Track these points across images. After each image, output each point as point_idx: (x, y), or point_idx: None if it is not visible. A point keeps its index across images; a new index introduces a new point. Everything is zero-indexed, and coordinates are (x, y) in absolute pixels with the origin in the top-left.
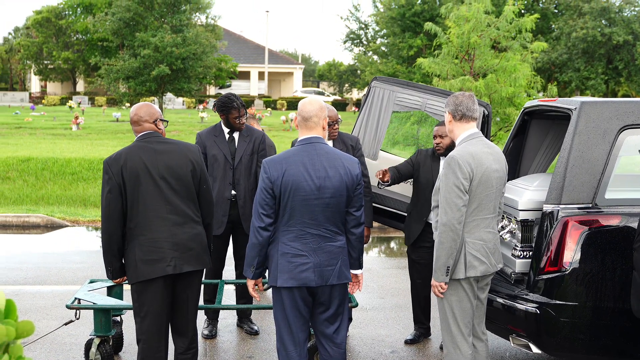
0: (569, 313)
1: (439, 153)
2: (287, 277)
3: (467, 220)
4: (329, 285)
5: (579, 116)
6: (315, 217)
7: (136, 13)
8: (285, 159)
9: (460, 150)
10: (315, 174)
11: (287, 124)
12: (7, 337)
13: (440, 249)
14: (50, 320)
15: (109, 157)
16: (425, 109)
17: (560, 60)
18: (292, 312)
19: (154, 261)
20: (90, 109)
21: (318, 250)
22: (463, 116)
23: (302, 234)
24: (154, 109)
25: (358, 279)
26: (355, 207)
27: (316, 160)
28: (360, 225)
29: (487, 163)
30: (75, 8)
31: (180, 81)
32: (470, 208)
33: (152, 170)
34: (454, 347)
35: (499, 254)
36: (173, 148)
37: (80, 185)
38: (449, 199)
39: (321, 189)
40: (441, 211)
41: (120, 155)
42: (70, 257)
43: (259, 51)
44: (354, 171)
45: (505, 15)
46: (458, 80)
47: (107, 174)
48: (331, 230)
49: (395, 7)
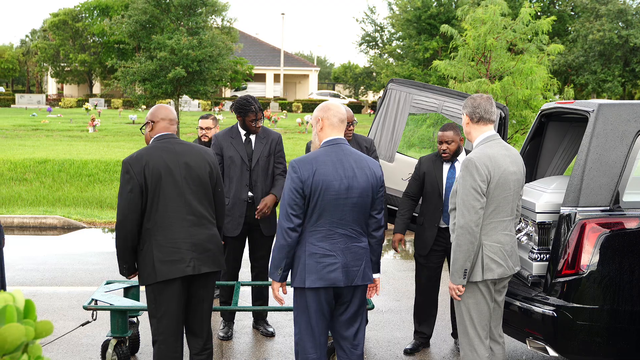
0: (586, 316)
1: (445, 158)
2: (316, 277)
3: (485, 222)
4: (353, 286)
5: (597, 118)
6: (343, 216)
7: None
8: (314, 159)
9: (477, 152)
10: (345, 174)
11: (302, 126)
12: (26, 337)
13: (458, 251)
14: (67, 321)
15: (129, 157)
16: (441, 111)
17: (577, 62)
18: (316, 314)
19: (174, 262)
20: (107, 111)
21: (345, 250)
22: (481, 118)
23: (331, 233)
24: (171, 111)
25: (375, 283)
26: (377, 210)
27: (344, 160)
28: (381, 229)
29: (505, 165)
30: (92, 11)
31: (196, 83)
32: (488, 210)
33: (174, 171)
34: (471, 350)
35: (517, 257)
36: (191, 149)
37: (96, 187)
38: (467, 202)
39: (350, 189)
40: (458, 214)
41: (142, 156)
42: (87, 258)
43: (275, 53)
44: (377, 173)
45: (521, 17)
46: (474, 82)
47: (128, 173)
48: (357, 231)
49: (411, 9)
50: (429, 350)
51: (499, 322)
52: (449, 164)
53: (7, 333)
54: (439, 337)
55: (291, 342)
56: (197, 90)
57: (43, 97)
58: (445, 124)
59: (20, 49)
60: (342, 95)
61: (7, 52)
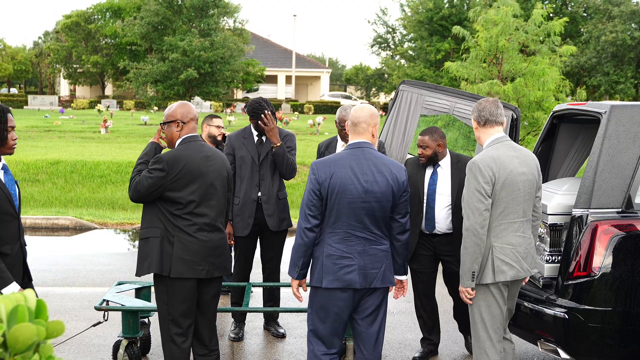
0: (597, 318)
1: (421, 162)
2: (332, 278)
3: (494, 224)
4: (372, 288)
5: (609, 120)
6: (361, 220)
7: (165, 17)
8: (333, 162)
9: (482, 155)
10: (363, 178)
11: (314, 127)
12: (38, 337)
13: (465, 254)
14: (79, 322)
15: (166, 155)
16: (453, 112)
17: (589, 64)
18: (332, 314)
19: (192, 262)
20: (119, 113)
21: (363, 253)
22: (487, 121)
23: (348, 236)
24: (196, 111)
25: (403, 285)
26: (400, 214)
27: (364, 164)
28: (406, 232)
29: (512, 166)
30: (104, 12)
31: (208, 85)
32: (496, 212)
33: (206, 177)
34: (482, 353)
35: (532, 259)
36: (217, 156)
37: (108, 188)
38: (471, 204)
39: (368, 193)
40: (464, 216)
41: (181, 158)
42: (99, 259)
43: (287, 55)
44: (400, 177)
45: (533, 18)
46: (486, 84)
47: (164, 170)
48: (376, 234)
49: (423, 10)
50: (438, 358)
51: (507, 321)
52: (431, 169)
53: (19, 333)
54: (449, 340)
55: (302, 343)
56: (209, 91)
57: (55, 98)
58: (426, 128)
59: (33, 51)
60: (353, 97)
61: (20, 53)
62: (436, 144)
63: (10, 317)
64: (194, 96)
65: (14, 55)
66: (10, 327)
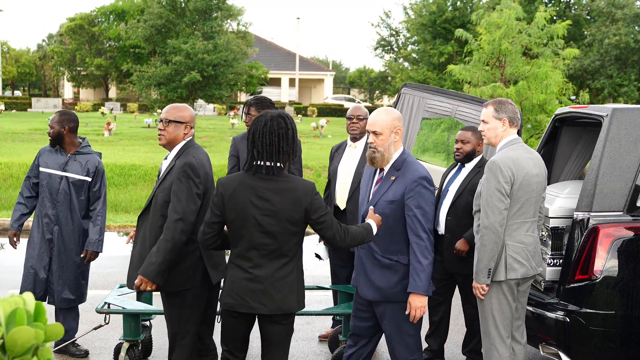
0: (599, 322)
1: (457, 159)
2: None
3: (509, 223)
4: None
5: (611, 123)
6: None
7: (168, 20)
8: None
9: (501, 155)
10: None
11: (317, 130)
12: (36, 340)
13: (482, 251)
14: (80, 325)
15: (195, 161)
16: (455, 115)
17: (593, 67)
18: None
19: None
20: (122, 115)
21: None
22: (517, 123)
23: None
24: None
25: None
26: None
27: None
28: None
29: (528, 168)
30: (108, 15)
31: (211, 88)
32: (512, 211)
33: (212, 180)
34: (492, 349)
35: (539, 258)
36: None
37: (111, 191)
38: (491, 202)
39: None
40: (483, 214)
41: (203, 164)
42: (101, 261)
43: (290, 58)
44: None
45: (536, 21)
46: (489, 87)
47: (198, 177)
48: None
49: (426, 13)
50: None
51: (522, 323)
52: (455, 167)
53: (17, 336)
54: (451, 342)
55: (304, 346)
56: (212, 94)
57: (59, 101)
58: (467, 126)
59: (36, 54)
60: (357, 100)
61: (24, 56)
62: (478, 142)
63: (9, 320)
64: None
65: (18, 58)
66: (9, 330)
